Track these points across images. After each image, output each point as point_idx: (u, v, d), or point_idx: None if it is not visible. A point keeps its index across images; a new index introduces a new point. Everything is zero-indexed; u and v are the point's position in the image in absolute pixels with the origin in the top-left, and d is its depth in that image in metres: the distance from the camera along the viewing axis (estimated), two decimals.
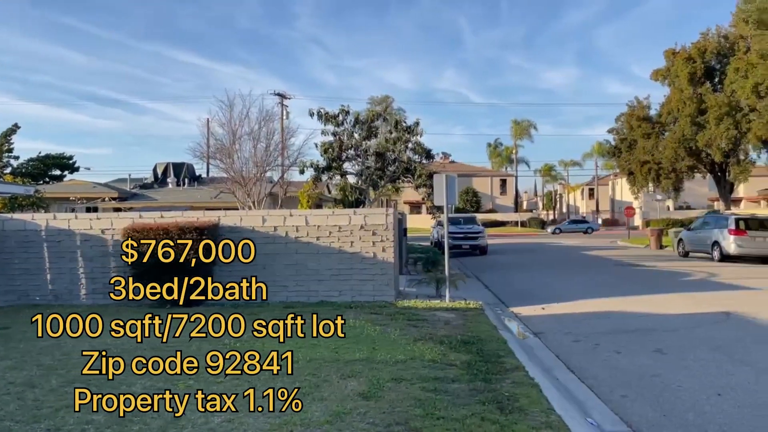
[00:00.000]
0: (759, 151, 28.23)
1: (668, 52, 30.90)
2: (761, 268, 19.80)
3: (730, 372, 6.80)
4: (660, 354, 7.76)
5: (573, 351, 8.09)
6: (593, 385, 6.50)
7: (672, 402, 5.84)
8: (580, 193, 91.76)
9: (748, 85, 22.58)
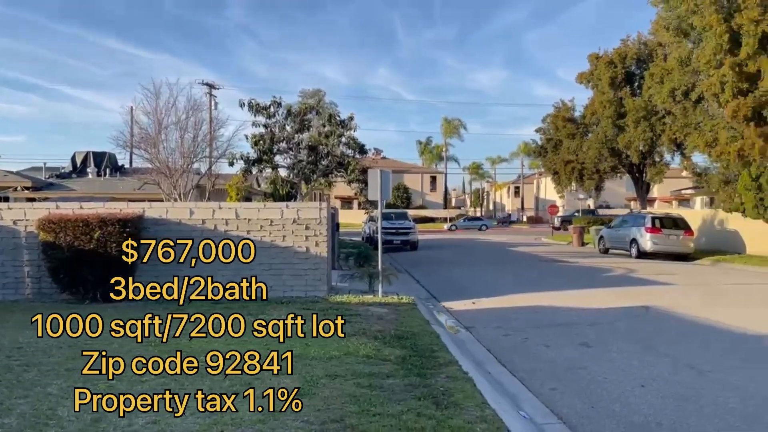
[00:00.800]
0: (672, 153, 29.80)
1: (592, 57, 32.11)
2: (674, 264, 20.90)
3: (651, 364, 7.08)
4: (586, 347, 8.00)
5: (503, 345, 8.22)
6: (524, 378, 6.61)
7: (599, 394, 6.01)
8: (506, 191, 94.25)
9: (665, 90, 23.75)
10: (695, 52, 22.64)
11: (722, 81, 20.56)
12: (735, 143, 20.69)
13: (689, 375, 6.58)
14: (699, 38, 22.15)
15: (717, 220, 25.32)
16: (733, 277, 17.03)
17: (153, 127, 21.34)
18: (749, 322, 9.52)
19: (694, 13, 21.63)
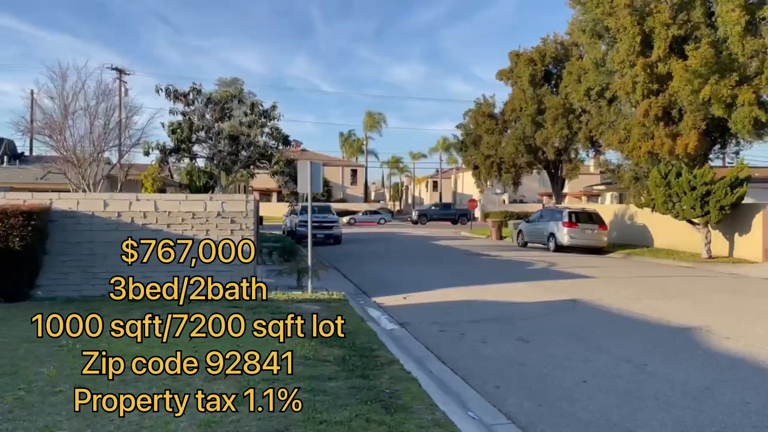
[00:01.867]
0: (587, 150, 31.00)
1: (512, 54, 32.84)
2: (590, 257, 21.69)
3: (589, 359, 7.12)
4: (523, 342, 7.98)
5: (441, 341, 8.07)
6: (466, 376, 6.46)
7: (544, 391, 5.94)
8: (425, 185, 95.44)
9: (581, 89, 24.57)
10: (609, 53, 23.52)
11: (635, 81, 21.47)
12: (646, 141, 21.69)
13: (627, 369, 6.65)
14: (613, 40, 23.02)
15: (627, 215, 26.55)
16: (646, 270, 17.82)
17: (58, 112, 19.84)
18: (670, 314, 9.87)
19: (609, 15, 22.45)
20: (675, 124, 21.49)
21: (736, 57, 20.31)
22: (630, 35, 21.58)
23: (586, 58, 25.48)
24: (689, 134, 20.92)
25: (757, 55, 20.28)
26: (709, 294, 12.59)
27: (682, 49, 21.18)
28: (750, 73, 20.22)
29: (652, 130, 21.56)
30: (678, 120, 21.49)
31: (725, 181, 19.46)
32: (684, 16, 21.42)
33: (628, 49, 21.73)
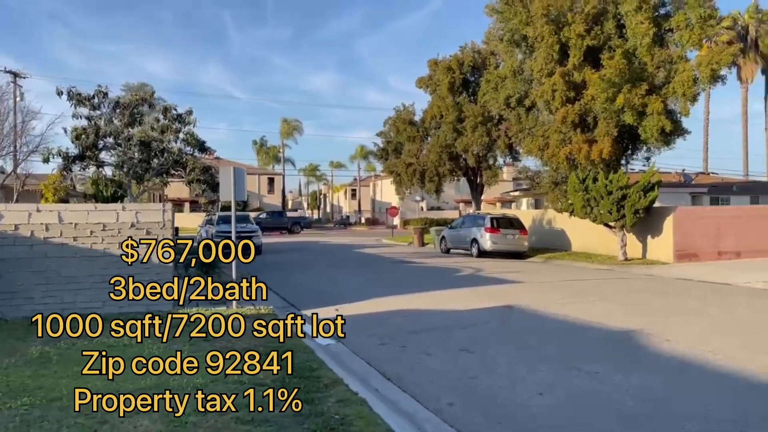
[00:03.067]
0: (505, 157, 31.59)
1: (431, 62, 33.03)
2: (513, 262, 21.93)
3: (539, 368, 6.86)
4: (468, 353, 7.65)
5: (383, 356, 7.61)
6: (417, 394, 6.03)
7: (501, 406, 5.60)
8: (344, 193, 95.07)
9: (500, 97, 24.91)
10: (527, 61, 24.00)
11: (553, 89, 21.96)
12: (564, 147, 22.21)
13: (580, 378, 6.44)
14: (531, 49, 23.50)
15: (546, 220, 27.17)
16: (568, 273, 18.14)
17: None
18: (605, 317, 9.87)
19: (527, 24, 22.90)
20: (591, 130, 22.14)
21: (646, 67, 21.19)
22: (547, 45, 22.08)
23: (504, 67, 25.90)
24: (603, 140, 21.57)
25: (664, 65, 21.24)
26: (634, 295, 12.84)
27: (596, 59, 21.88)
28: (658, 83, 21.13)
29: (569, 136, 22.11)
30: (593, 127, 22.16)
31: (639, 185, 20.21)
32: (598, 27, 22.14)
33: (546, 58, 22.22)
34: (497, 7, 25.16)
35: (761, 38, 49.69)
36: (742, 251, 20.84)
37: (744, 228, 21.13)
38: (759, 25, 50.08)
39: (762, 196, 31.91)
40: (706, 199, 29.60)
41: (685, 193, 29.16)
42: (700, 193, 29.93)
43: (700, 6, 20.75)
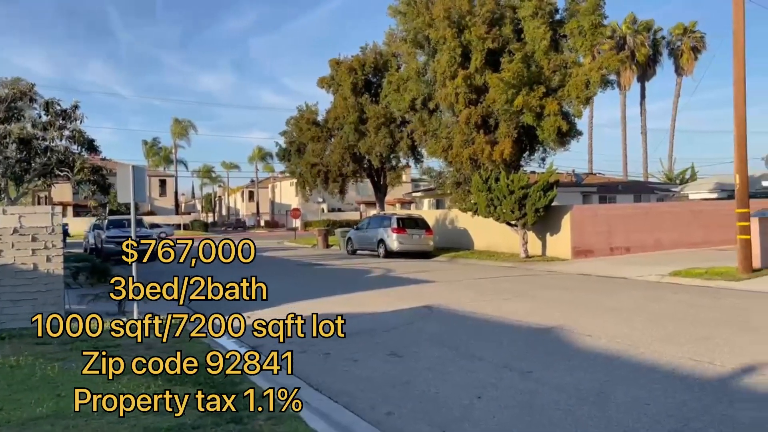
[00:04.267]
0: (409, 158, 31.79)
1: (333, 62, 32.65)
2: (420, 262, 22.02)
3: (471, 369, 6.70)
4: (396, 357, 7.37)
5: (307, 364, 7.16)
6: (350, 403, 5.65)
7: (441, 413, 5.34)
8: (240, 195, 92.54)
9: (405, 99, 24.98)
10: (431, 63, 24.23)
11: (456, 91, 22.29)
12: (467, 148, 22.60)
13: (514, 378, 6.32)
14: (434, 50, 23.73)
15: (449, 220, 27.58)
16: (476, 271, 18.38)
17: None
18: (523, 314, 9.94)
19: (429, 26, 23.09)
20: (492, 132, 22.69)
21: (543, 71, 21.98)
22: (450, 47, 22.38)
23: (406, 68, 26.01)
24: (505, 141, 22.18)
25: (559, 69, 22.13)
26: (545, 292, 13.12)
27: (497, 62, 22.43)
28: (554, 86, 21.98)
29: (473, 137, 22.52)
30: (495, 128, 22.72)
31: (539, 185, 20.89)
32: (496, 30, 22.70)
33: (449, 60, 22.49)
34: (400, 9, 25.24)
35: (637, 48, 53.44)
36: (631, 247, 22.08)
37: (631, 225, 22.41)
38: (635, 35, 53.85)
39: (644, 195, 34.27)
40: (596, 198, 31.33)
41: (577, 192, 30.67)
42: (590, 193, 31.63)
43: (591, 14, 21.80)
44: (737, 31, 15.00)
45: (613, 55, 23.04)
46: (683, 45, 54.24)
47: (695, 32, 54.19)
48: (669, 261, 18.03)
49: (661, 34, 54.94)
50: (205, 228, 66.56)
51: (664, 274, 15.59)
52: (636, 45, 53.47)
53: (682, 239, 22.57)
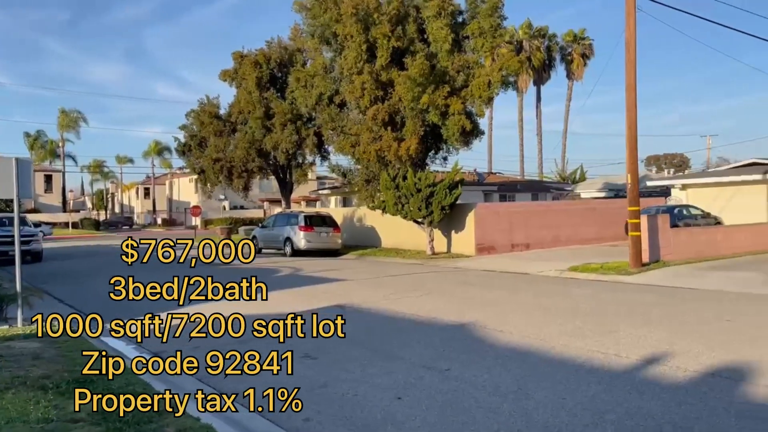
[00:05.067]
0: (315, 155, 31.37)
1: (236, 55, 31.61)
2: (329, 260, 21.80)
3: (389, 369, 6.58)
4: (311, 359, 7.12)
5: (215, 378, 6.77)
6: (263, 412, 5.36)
7: (360, 416, 5.18)
8: (135, 192, 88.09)
9: (312, 95, 24.61)
10: (337, 59, 24.01)
11: (363, 87, 22.23)
12: (375, 145, 22.60)
13: (433, 377, 6.26)
14: (341, 46, 23.53)
15: (357, 218, 27.55)
16: (385, 269, 18.40)
17: None
18: (436, 312, 9.98)
19: (337, 22, 22.87)
20: (399, 129, 22.80)
21: (447, 70, 22.35)
22: (357, 43, 22.26)
23: (313, 64, 25.66)
24: (411, 139, 22.35)
25: (463, 69, 22.58)
26: (455, 288, 13.30)
27: (403, 60, 22.57)
28: (458, 85, 22.40)
29: (380, 134, 22.54)
30: (401, 126, 22.85)
31: (444, 183, 21.25)
32: (401, 29, 22.82)
33: (356, 56, 22.37)
34: (306, 4, 24.82)
35: (533, 53, 55.77)
36: (530, 243, 22.97)
37: (531, 222, 23.31)
38: (531, 40, 56.19)
39: (540, 194, 35.78)
40: (496, 197, 32.29)
41: (479, 191, 31.49)
42: (491, 191, 32.57)
43: (491, 16, 22.41)
44: (629, 40, 15.89)
45: (513, 57, 23.79)
46: (574, 51, 57.16)
47: (585, 39, 57.25)
48: (566, 257, 18.88)
49: (556, 40, 57.60)
50: (96, 226, 62.84)
51: (563, 270, 16.28)
52: (532, 50, 55.75)
53: (577, 235, 23.75)
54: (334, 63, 24.43)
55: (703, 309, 9.99)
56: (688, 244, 17.54)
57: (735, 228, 20.16)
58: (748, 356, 6.71)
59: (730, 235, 19.13)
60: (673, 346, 7.23)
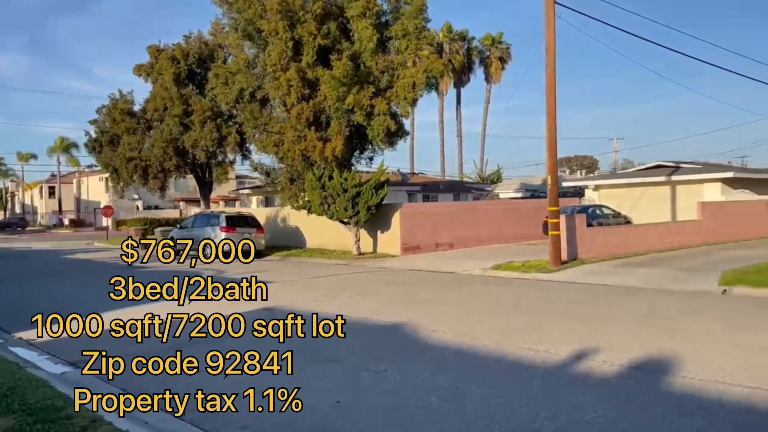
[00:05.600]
0: (236, 153, 30.59)
1: (152, 49, 30.36)
2: (254, 261, 21.28)
3: (326, 372, 6.46)
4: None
5: (141, 378, 6.43)
6: (199, 420, 5.14)
7: (299, 422, 5.04)
8: (39, 190, 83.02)
9: (234, 91, 23.95)
10: (261, 56, 23.52)
11: (289, 84, 21.87)
12: (300, 144, 22.29)
13: (370, 378, 6.21)
14: (265, 42, 23.07)
15: (280, 218, 27.10)
16: (312, 270, 18.18)
17: None
18: (369, 312, 9.93)
19: (261, 17, 22.39)
20: (325, 129, 22.60)
21: (372, 70, 22.36)
22: (282, 40, 21.88)
23: (235, 60, 24.99)
24: (336, 139, 22.20)
25: (388, 70, 22.67)
26: (382, 288, 13.30)
27: (328, 59, 22.39)
28: (383, 86, 22.46)
29: (305, 134, 22.25)
30: (326, 125, 22.67)
31: (371, 183, 21.26)
32: (326, 28, 22.63)
33: (281, 53, 21.99)
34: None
35: (453, 56, 56.93)
36: (454, 242, 23.37)
37: (454, 222, 23.73)
38: (451, 43, 57.34)
39: (462, 194, 36.55)
40: (420, 197, 32.70)
41: (403, 191, 31.75)
42: (415, 191, 32.94)
43: (416, 17, 22.62)
44: (549, 45, 16.46)
45: (437, 59, 24.19)
46: (492, 55, 58.83)
47: (502, 43, 59.02)
48: (489, 255, 19.33)
49: (475, 43, 59.04)
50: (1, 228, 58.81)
51: (487, 268, 16.65)
52: (452, 53, 56.90)
53: (499, 234, 24.40)
54: (257, 59, 23.90)
55: (622, 305, 10.47)
56: (603, 242, 18.38)
57: (645, 227, 21.32)
58: (667, 349, 7.07)
59: (641, 233, 20.21)
60: (599, 341, 7.51)
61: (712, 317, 9.09)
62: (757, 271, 13.29)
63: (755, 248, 19.56)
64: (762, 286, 11.55)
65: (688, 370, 6.18)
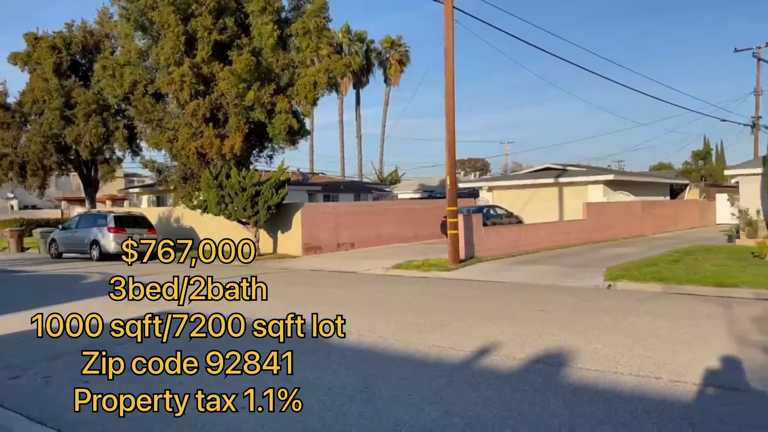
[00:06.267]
0: (125, 150, 28.90)
1: (30, 36, 28.11)
2: (148, 264, 20.23)
3: (230, 378, 6.19)
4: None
5: (22, 394, 5.87)
6: None
7: (202, 430, 4.79)
8: None
9: (125, 84, 22.61)
10: (153, 48, 22.42)
11: (182, 80, 20.97)
12: (195, 141, 21.45)
13: (276, 382, 5.96)
14: (158, 35, 22.01)
15: (174, 218, 26.00)
16: (208, 271, 17.48)
17: None
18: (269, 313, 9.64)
19: (152, 8, 21.34)
20: (222, 126, 21.90)
21: (273, 68, 21.93)
22: (175, 33, 20.96)
23: (124, 52, 23.63)
24: (235, 136, 21.57)
25: (288, 68, 22.33)
26: (285, 289, 13.05)
27: (226, 54, 21.71)
28: (284, 84, 22.10)
29: (201, 130, 21.46)
30: (224, 122, 21.97)
31: (271, 182, 20.85)
32: (222, 22, 21.91)
33: (173, 47, 21.06)
34: None
35: (353, 57, 57.10)
36: (355, 242, 23.44)
37: (355, 222, 23.80)
38: (351, 44, 57.51)
39: (362, 194, 36.70)
40: (321, 197, 32.48)
41: (303, 191, 31.41)
42: (316, 191, 32.68)
43: (317, 16, 22.44)
44: (448, 48, 16.84)
45: (338, 59, 24.02)
46: (391, 57, 59.58)
47: (401, 46, 59.92)
48: (390, 255, 19.53)
49: (374, 45, 59.55)
50: None
51: (388, 267, 16.80)
52: (351, 53, 57.07)
53: (399, 234, 24.74)
54: (149, 51, 22.74)
55: (519, 300, 10.87)
56: (498, 241, 19.09)
57: (535, 226, 22.38)
58: (562, 342, 7.38)
59: (532, 232, 21.18)
60: (500, 336, 7.72)
61: (601, 311, 9.63)
62: (637, 267, 14.28)
63: (634, 245, 21.07)
64: (642, 281, 12.42)
65: (584, 361, 6.47)
